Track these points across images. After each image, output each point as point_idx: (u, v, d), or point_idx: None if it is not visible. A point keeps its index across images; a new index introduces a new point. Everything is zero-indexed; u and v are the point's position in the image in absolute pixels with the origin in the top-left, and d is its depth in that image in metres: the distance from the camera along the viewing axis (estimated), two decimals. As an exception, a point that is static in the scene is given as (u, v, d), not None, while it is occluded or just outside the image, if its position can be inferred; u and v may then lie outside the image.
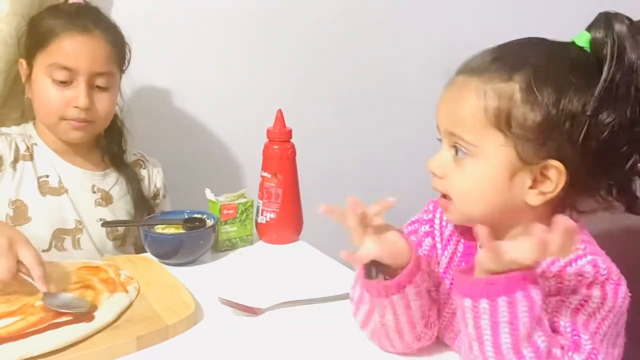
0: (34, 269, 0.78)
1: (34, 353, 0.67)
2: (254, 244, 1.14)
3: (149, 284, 0.88)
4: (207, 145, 1.48)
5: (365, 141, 1.77)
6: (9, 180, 1.04)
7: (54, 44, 1.02)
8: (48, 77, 1.03)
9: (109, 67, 1.05)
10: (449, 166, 0.68)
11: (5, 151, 1.04)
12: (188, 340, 0.78)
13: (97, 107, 1.05)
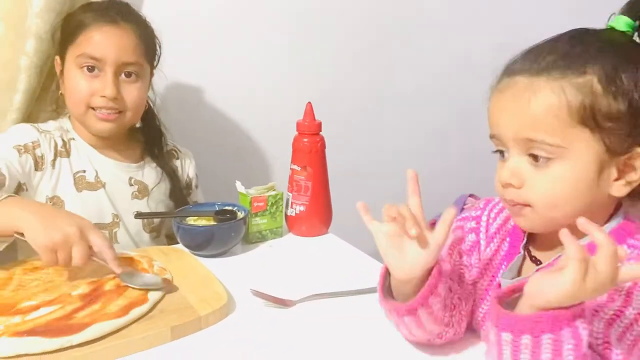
0: (106, 253, 0.83)
1: (73, 342, 0.69)
2: (284, 236, 1.15)
3: (181, 275, 0.89)
4: (237, 138, 1.50)
5: (394, 135, 1.76)
6: (48, 177, 1.06)
7: (83, 35, 1.04)
8: (77, 68, 1.04)
9: (136, 58, 1.06)
10: (526, 174, 0.65)
11: (46, 150, 1.06)
12: (221, 331, 0.79)
13: (125, 98, 1.06)
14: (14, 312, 0.74)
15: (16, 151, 1.02)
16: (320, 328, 0.80)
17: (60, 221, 0.81)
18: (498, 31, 1.79)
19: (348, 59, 1.60)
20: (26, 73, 1.16)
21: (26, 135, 1.05)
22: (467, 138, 1.91)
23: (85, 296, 0.79)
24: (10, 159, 1.00)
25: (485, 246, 0.77)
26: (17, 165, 1.00)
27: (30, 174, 1.04)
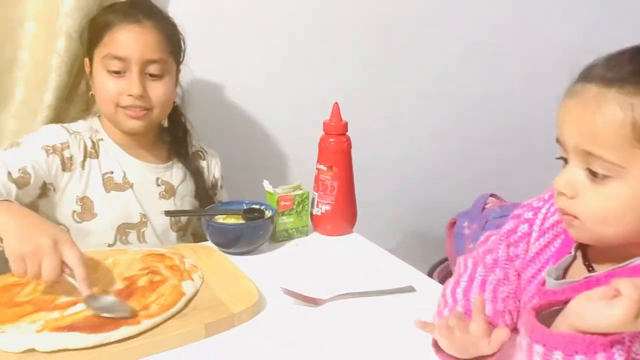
0: (77, 270, 0.77)
1: (111, 339, 0.70)
2: (309, 235, 1.16)
3: (212, 272, 0.91)
4: (263, 136, 1.51)
5: (420, 136, 1.77)
6: (77, 178, 1.07)
7: (107, 36, 1.05)
8: (104, 69, 1.05)
9: (160, 55, 1.06)
10: (580, 186, 0.62)
11: (75, 151, 1.07)
12: (253, 329, 0.80)
13: (151, 95, 1.07)
14: (52, 308, 0.76)
15: (44, 151, 1.03)
16: (349, 327, 0.81)
17: (35, 231, 0.78)
18: (541, 33, 1.81)
19: (375, 58, 1.61)
20: (57, 72, 1.18)
21: (56, 136, 1.06)
22: (495, 138, 1.92)
23: (121, 292, 0.80)
24: (37, 159, 1.01)
25: (535, 239, 0.76)
26: (43, 166, 1.02)
27: (57, 175, 1.05)
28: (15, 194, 0.96)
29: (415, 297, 0.89)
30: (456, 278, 0.81)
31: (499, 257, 0.79)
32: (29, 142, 1.04)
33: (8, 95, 1.19)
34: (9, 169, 0.96)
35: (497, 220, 1.68)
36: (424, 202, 1.85)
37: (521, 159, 1.97)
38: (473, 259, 0.82)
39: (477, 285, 0.77)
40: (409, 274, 0.99)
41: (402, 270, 1.01)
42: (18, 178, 0.97)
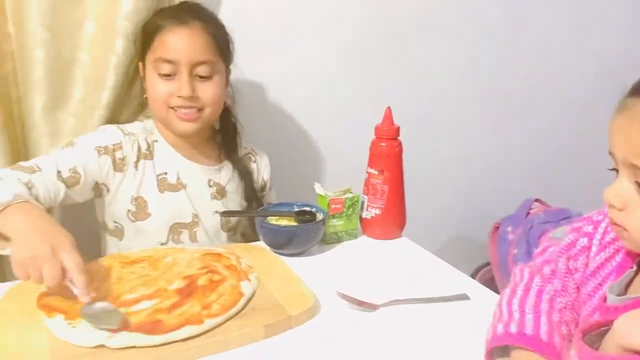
0: (76, 278, 0.76)
1: (176, 338, 0.72)
2: (358, 238, 1.16)
3: (267, 273, 0.92)
4: (313, 139, 1.52)
5: (465, 140, 1.76)
6: (131, 178, 1.10)
7: (157, 40, 1.07)
8: (155, 72, 1.08)
9: (208, 56, 1.07)
10: (629, 199, 0.63)
11: (129, 152, 1.09)
12: (309, 331, 0.81)
13: (201, 96, 1.08)
14: (118, 305, 0.78)
15: (96, 152, 1.06)
16: (404, 334, 0.81)
17: (37, 238, 0.78)
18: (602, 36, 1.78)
19: (423, 62, 1.61)
20: (114, 71, 1.21)
21: (110, 137, 1.09)
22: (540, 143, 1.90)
23: (181, 291, 0.82)
24: (89, 159, 1.04)
25: (595, 253, 0.75)
26: (94, 166, 1.05)
27: (109, 175, 1.08)
28: (64, 192, 1.00)
29: (469, 306, 0.89)
30: (512, 287, 0.80)
31: (559, 269, 0.78)
32: (83, 142, 1.07)
33: (68, 93, 1.22)
34: (59, 169, 1.00)
35: (542, 225, 1.66)
36: (467, 206, 1.84)
37: (568, 165, 1.94)
38: (530, 269, 0.82)
39: (533, 294, 0.76)
40: (461, 280, 0.99)
41: (454, 277, 1.01)
42: (68, 178, 1.01)
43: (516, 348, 0.68)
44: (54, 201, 0.99)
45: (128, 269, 0.89)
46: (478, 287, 0.96)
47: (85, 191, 1.06)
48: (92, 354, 0.69)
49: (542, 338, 0.68)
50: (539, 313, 0.72)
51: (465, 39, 1.65)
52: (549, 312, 0.74)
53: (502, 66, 1.73)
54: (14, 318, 0.77)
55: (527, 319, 0.71)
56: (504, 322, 0.73)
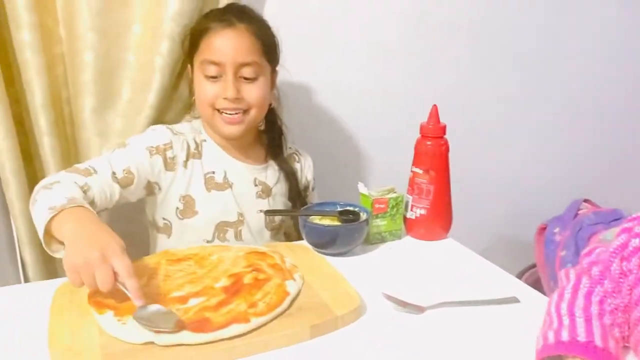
0: (127, 282, 0.77)
1: (224, 336, 0.73)
2: (402, 239, 1.15)
3: (311, 272, 0.92)
4: (356, 138, 1.51)
5: (511, 139, 1.73)
6: (180, 177, 1.11)
7: (204, 42, 1.08)
8: (202, 74, 1.09)
9: (252, 58, 1.08)
10: None
11: (178, 152, 1.11)
12: (355, 332, 0.80)
13: (246, 97, 1.09)
14: (167, 302, 0.79)
15: (148, 152, 1.08)
16: (452, 337, 0.79)
17: (87, 244, 0.78)
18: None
19: (470, 60, 1.58)
20: (160, 73, 1.23)
21: (160, 137, 1.11)
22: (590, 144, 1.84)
23: (228, 289, 0.82)
24: (141, 159, 1.06)
25: None
26: (146, 166, 1.07)
27: (161, 174, 1.09)
28: (119, 192, 1.02)
29: (519, 309, 0.87)
30: (559, 291, 0.78)
31: (613, 271, 0.75)
32: (135, 143, 1.09)
33: (116, 95, 1.25)
34: (113, 170, 1.02)
35: (592, 227, 1.60)
36: (513, 206, 1.80)
37: (619, 165, 1.88)
38: (576, 271, 0.80)
39: (582, 296, 0.74)
40: (509, 283, 0.97)
41: (502, 279, 0.98)
42: (122, 178, 1.03)
43: (570, 357, 0.66)
44: (110, 202, 1.01)
45: (175, 266, 0.90)
46: (527, 290, 0.94)
47: (139, 190, 1.08)
48: (141, 351, 0.70)
49: (596, 344, 0.65)
50: (590, 316, 0.70)
51: (515, 36, 1.61)
52: (600, 314, 0.71)
53: (552, 65, 1.69)
54: (67, 314, 0.79)
55: (578, 323, 0.69)
56: (554, 329, 0.70)
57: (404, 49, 1.50)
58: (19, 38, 1.13)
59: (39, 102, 1.16)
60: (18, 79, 1.18)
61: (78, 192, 0.93)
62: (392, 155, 1.33)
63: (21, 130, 1.21)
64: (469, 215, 1.57)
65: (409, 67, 1.51)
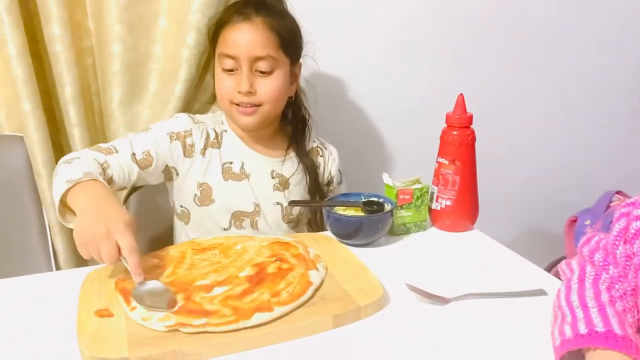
0: (128, 258, 0.79)
1: (247, 325, 0.73)
2: (427, 230, 1.14)
3: (334, 263, 0.92)
4: (382, 128, 1.51)
5: (542, 129, 1.70)
6: (198, 164, 1.13)
7: (222, 35, 1.09)
8: (220, 67, 1.10)
9: (267, 51, 1.07)
10: None
11: (197, 140, 1.13)
12: (377, 323, 0.80)
13: (260, 91, 1.08)
14: (192, 291, 0.80)
15: (168, 137, 1.10)
16: (477, 329, 0.78)
17: (94, 220, 0.82)
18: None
19: (497, 49, 1.56)
20: (187, 64, 1.25)
21: (182, 124, 1.13)
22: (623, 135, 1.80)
23: (251, 278, 0.83)
24: (161, 143, 1.09)
25: None
26: (166, 150, 1.09)
27: (179, 160, 1.12)
28: (137, 173, 1.05)
29: (546, 302, 0.85)
30: (566, 284, 0.77)
31: (618, 256, 0.74)
32: (157, 128, 1.12)
33: (143, 87, 1.27)
34: (134, 151, 1.06)
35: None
36: (542, 198, 1.77)
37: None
38: (578, 261, 0.79)
39: (589, 285, 0.73)
40: (536, 275, 0.95)
41: (529, 271, 0.97)
42: (141, 160, 1.06)
43: (591, 349, 0.64)
44: (128, 181, 1.05)
45: (200, 255, 0.91)
46: (555, 283, 0.92)
47: (157, 173, 1.11)
48: (166, 338, 0.71)
49: (616, 332, 0.64)
50: (603, 305, 0.69)
51: (541, 25, 1.57)
52: (611, 301, 0.71)
53: (587, 57, 1.65)
54: (95, 301, 0.80)
55: (593, 313, 0.68)
56: (569, 323, 0.69)
57: (431, 39, 1.48)
58: (49, 32, 1.16)
59: (68, 94, 1.19)
60: (49, 72, 1.21)
61: (96, 168, 0.97)
62: (417, 146, 1.31)
63: (52, 122, 1.24)
64: (496, 207, 1.55)
65: (436, 58, 1.49)
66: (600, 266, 0.75)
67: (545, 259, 1.69)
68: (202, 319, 0.73)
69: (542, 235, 1.80)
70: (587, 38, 1.65)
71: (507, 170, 1.68)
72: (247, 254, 0.91)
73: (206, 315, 0.74)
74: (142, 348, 0.69)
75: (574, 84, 1.69)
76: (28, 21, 1.17)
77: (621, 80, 1.74)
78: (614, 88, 1.74)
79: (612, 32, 1.67)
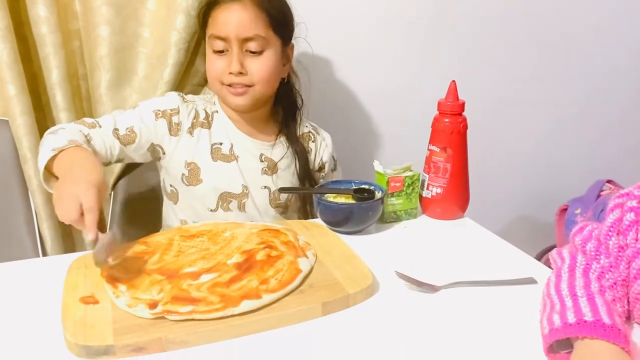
0: (85, 216, 0.79)
1: (235, 312, 0.73)
2: (417, 218, 1.13)
3: (324, 250, 0.91)
4: (373, 115, 1.49)
5: (532, 117, 1.69)
6: (185, 143, 1.12)
7: (211, 17, 1.07)
8: (210, 48, 1.09)
9: (257, 31, 1.05)
10: None
11: (184, 118, 1.12)
12: (367, 310, 0.79)
13: (251, 71, 1.07)
14: (178, 277, 0.79)
15: (154, 114, 1.10)
16: (465, 316, 0.78)
17: (66, 179, 0.85)
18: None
19: (493, 39, 1.55)
20: (176, 47, 1.22)
21: (169, 102, 1.13)
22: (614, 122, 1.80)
23: (240, 265, 0.82)
24: (146, 121, 1.09)
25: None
26: (150, 127, 1.10)
27: (164, 138, 1.11)
28: (119, 148, 1.06)
29: (536, 290, 0.85)
30: (556, 272, 0.77)
31: (611, 247, 0.74)
32: (144, 105, 1.12)
33: (132, 70, 1.25)
34: (117, 126, 1.06)
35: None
36: (533, 186, 1.77)
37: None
38: (569, 250, 0.79)
39: (580, 275, 0.73)
40: (527, 263, 0.95)
41: (520, 260, 0.97)
42: (124, 136, 1.06)
43: (579, 338, 0.64)
44: (111, 156, 1.06)
45: (188, 242, 0.90)
46: (545, 271, 0.92)
47: (142, 151, 1.11)
48: (153, 325, 0.71)
49: (605, 321, 0.64)
50: (592, 294, 0.69)
51: (537, 20, 1.56)
52: (601, 291, 0.71)
53: (575, 45, 1.64)
54: (81, 287, 0.79)
55: (582, 303, 0.68)
56: (557, 311, 0.69)
57: (425, 26, 1.47)
58: (35, 13, 1.13)
59: (55, 78, 1.17)
60: (35, 55, 1.18)
61: (80, 138, 0.98)
62: (409, 133, 1.30)
63: (38, 106, 1.21)
64: (487, 195, 1.55)
65: (430, 42, 1.48)
66: (591, 256, 0.75)
67: (535, 248, 1.70)
68: (189, 307, 0.72)
69: (532, 224, 1.80)
70: (582, 26, 1.64)
71: (499, 157, 1.68)
72: (236, 241, 0.90)
73: (193, 302, 0.73)
74: (128, 335, 0.68)
75: (566, 73, 1.68)
76: (13, 2, 1.14)
77: (614, 68, 1.74)
78: (607, 76, 1.74)
79: (610, 21, 1.66)
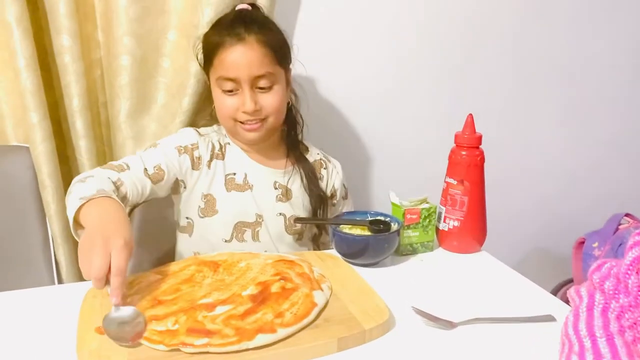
0: (112, 278, 0.77)
1: (250, 346, 0.72)
2: (434, 251, 1.12)
3: (340, 283, 0.90)
4: (389, 147, 1.49)
5: (550, 150, 1.68)
6: (204, 176, 1.14)
7: (217, 59, 1.08)
8: (218, 89, 1.10)
9: (266, 69, 1.07)
10: None
11: (204, 152, 1.14)
12: (383, 347, 0.78)
13: (264, 106, 1.09)
14: (194, 309, 0.78)
15: (177, 151, 1.11)
16: (484, 354, 0.77)
17: (97, 232, 0.81)
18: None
19: (510, 68, 1.55)
20: (195, 78, 1.25)
21: (188, 137, 1.14)
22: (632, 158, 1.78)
23: (255, 297, 0.81)
24: (171, 157, 1.10)
25: None
26: (175, 164, 1.10)
27: (187, 173, 1.12)
28: (150, 187, 1.06)
29: (555, 328, 0.83)
30: (574, 312, 0.75)
31: (630, 285, 0.72)
32: (165, 142, 1.12)
33: (151, 99, 1.27)
34: (145, 166, 1.06)
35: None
36: (550, 218, 1.75)
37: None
38: (587, 288, 0.77)
39: (598, 314, 0.72)
40: (544, 299, 0.93)
41: (537, 295, 0.95)
42: (153, 174, 1.06)
43: None
44: (142, 196, 1.05)
45: (203, 272, 0.90)
46: (563, 308, 0.90)
47: (167, 187, 1.11)
48: (167, 357, 0.70)
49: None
50: (612, 335, 0.67)
51: (554, 42, 1.56)
52: (620, 331, 0.69)
53: (591, 74, 1.64)
54: (96, 316, 0.79)
55: (601, 344, 0.66)
56: (576, 352, 0.67)
57: (439, 55, 1.47)
58: (59, 43, 1.15)
59: (76, 106, 1.19)
60: (57, 83, 1.20)
61: (109, 186, 0.97)
62: (425, 165, 1.30)
63: (58, 132, 1.23)
64: (503, 228, 1.54)
65: (446, 73, 1.49)
66: (610, 294, 0.73)
67: (552, 281, 1.67)
68: (204, 339, 0.72)
69: (549, 257, 1.78)
70: (601, 57, 1.63)
71: (515, 190, 1.66)
72: (251, 271, 0.90)
73: (208, 335, 0.72)
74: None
75: (584, 107, 1.68)
76: (38, 32, 1.17)
77: (632, 101, 1.73)
78: (625, 110, 1.73)
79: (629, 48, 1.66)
